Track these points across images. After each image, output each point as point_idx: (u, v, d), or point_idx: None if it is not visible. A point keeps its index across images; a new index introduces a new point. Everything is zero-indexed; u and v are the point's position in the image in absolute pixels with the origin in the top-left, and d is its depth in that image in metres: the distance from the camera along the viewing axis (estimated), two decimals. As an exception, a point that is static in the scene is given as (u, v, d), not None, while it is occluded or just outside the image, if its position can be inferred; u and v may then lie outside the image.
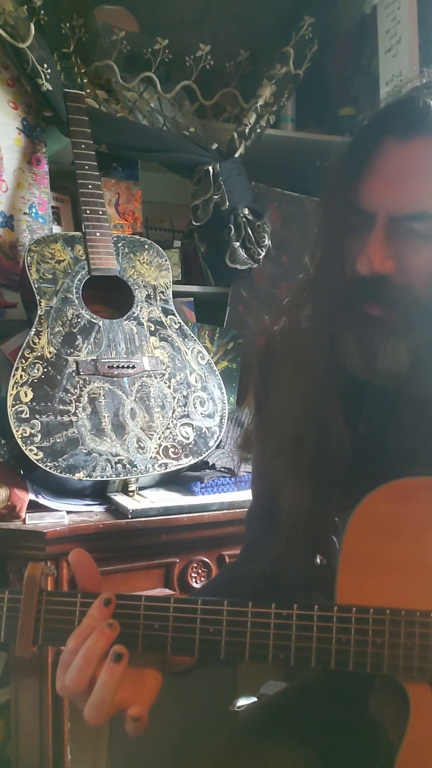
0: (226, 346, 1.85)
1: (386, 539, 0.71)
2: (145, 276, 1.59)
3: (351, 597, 0.70)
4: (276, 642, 0.68)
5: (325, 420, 0.77)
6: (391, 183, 0.70)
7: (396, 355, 0.72)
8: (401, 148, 0.69)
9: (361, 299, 0.73)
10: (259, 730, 0.85)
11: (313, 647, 0.68)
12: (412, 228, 0.70)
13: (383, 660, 0.68)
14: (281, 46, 1.89)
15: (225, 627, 0.69)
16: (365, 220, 0.72)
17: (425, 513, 0.71)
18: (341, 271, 0.75)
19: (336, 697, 0.84)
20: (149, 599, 0.70)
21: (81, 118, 1.65)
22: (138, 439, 1.41)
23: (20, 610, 0.69)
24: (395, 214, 0.69)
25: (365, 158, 0.71)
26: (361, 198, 0.72)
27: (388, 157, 0.70)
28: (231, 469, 1.49)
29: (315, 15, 1.90)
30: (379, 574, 0.70)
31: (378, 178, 0.70)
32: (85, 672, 0.67)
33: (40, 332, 1.42)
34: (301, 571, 0.82)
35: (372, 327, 0.72)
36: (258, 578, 0.90)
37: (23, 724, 1.34)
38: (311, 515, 0.80)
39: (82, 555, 0.73)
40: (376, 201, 0.70)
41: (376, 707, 0.72)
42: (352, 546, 0.71)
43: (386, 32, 1.84)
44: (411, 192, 0.69)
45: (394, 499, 0.71)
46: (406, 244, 0.70)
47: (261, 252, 1.84)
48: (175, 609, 0.69)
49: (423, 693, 0.68)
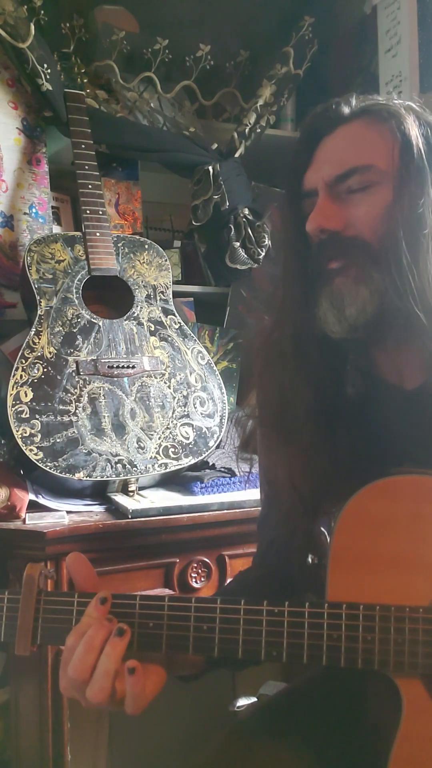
0: (226, 346, 1.85)
1: (375, 537, 0.72)
2: (145, 276, 1.59)
3: (341, 594, 0.71)
4: (268, 639, 0.70)
5: (315, 387, 0.84)
6: (324, 161, 0.84)
7: (360, 298, 0.79)
8: (329, 137, 0.85)
9: (323, 259, 0.82)
10: (258, 731, 0.85)
11: (305, 644, 0.69)
12: (347, 186, 0.81)
13: (374, 656, 0.69)
14: (281, 46, 1.89)
15: (218, 624, 0.70)
16: (312, 199, 0.83)
17: (412, 510, 0.73)
18: (304, 247, 0.85)
19: (334, 698, 0.85)
20: (144, 598, 0.72)
21: (81, 118, 1.65)
22: (138, 439, 1.41)
23: (19, 609, 0.71)
24: (329, 179, 0.82)
25: (306, 156, 0.86)
26: (305, 182, 0.85)
27: (321, 147, 0.85)
28: (231, 469, 1.49)
29: (315, 15, 1.90)
30: (368, 571, 0.72)
31: (315, 162, 0.85)
32: (86, 659, 0.69)
33: (40, 332, 1.42)
34: (299, 568, 0.84)
35: (336, 279, 0.80)
36: (264, 580, 0.92)
37: (23, 724, 1.34)
38: (301, 514, 0.83)
39: (78, 558, 0.75)
40: (315, 178, 0.84)
41: (372, 706, 0.72)
42: (342, 544, 0.73)
43: (386, 32, 1.84)
44: (337, 158, 0.82)
45: (381, 496, 0.73)
46: (346, 201, 0.81)
47: (261, 252, 1.84)
48: (170, 608, 0.71)
49: (414, 688, 0.69)
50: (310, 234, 0.83)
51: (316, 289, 0.82)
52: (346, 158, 0.81)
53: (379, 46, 1.86)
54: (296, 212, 0.86)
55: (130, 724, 1.53)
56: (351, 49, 2.04)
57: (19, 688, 1.36)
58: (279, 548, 0.92)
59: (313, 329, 0.82)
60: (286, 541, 0.88)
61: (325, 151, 0.84)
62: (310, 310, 0.82)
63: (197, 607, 0.71)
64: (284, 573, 0.91)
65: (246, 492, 1.46)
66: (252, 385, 0.99)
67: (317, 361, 0.85)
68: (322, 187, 0.82)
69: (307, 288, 0.83)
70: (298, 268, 0.86)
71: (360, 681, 0.75)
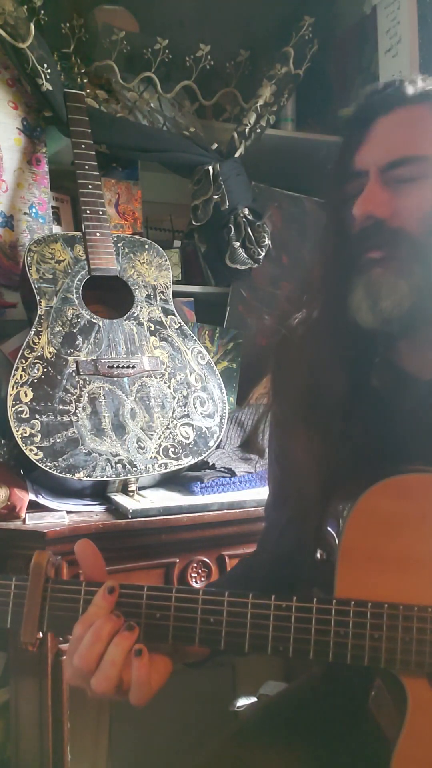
0: (226, 346, 1.85)
1: (385, 534, 0.72)
2: (145, 276, 1.59)
3: (350, 591, 0.71)
4: (275, 633, 0.69)
5: (347, 373, 0.83)
6: (377, 143, 0.80)
7: (398, 292, 0.77)
8: (385, 119, 0.80)
9: (364, 247, 0.79)
10: (260, 732, 0.85)
11: (312, 639, 0.69)
12: (401, 174, 0.78)
13: (381, 653, 0.68)
14: (281, 46, 1.89)
15: (225, 617, 0.70)
16: (361, 180, 0.80)
17: (423, 509, 0.72)
18: (346, 229, 0.82)
19: (336, 699, 0.85)
20: (152, 589, 0.72)
21: (81, 118, 1.65)
22: (138, 439, 1.41)
23: (26, 597, 0.71)
24: (382, 163, 0.78)
25: (359, 133, 0.82)
26: (355, 162, 0.81)
27: (376, 127, 0.81)
28: (231, 469, 1.49)
29: (315, 15, 1.90)
30: (377, 569, 0.71)
31: (368, 142, 0.81)
32: (93, 649, 0.68)
33: (40, 332, 1.42)
34: (309, 561, 0.83)
35: (375, 269, 0.78)
36: (273, 566, 0.91)
37: (23, 724, 1.34)
38: (317, 502, 0.81)
39: (88, 545, 0.75)
40: (367, 159, 0.80)
41: (375, 705, 0.72)
42: (351, 541, 0.72)
43: (386, 32, 1.84)
44: (393, 143, 0.79)
45: (392, 495, 0.72)
46: (396, 189, 0.78)
47: (261, 252, 1.84)
48: (177, 599, 0.71)
49: (420, 687, 0.69)
50: (357, 217, 0.79)
51: (352, 276, 0.80)
52: (401, 145, 0.78)
53: (379, 46, 1.86)
54: (341, 192, 0.83)
55: (130, 723, 1.53)
56: (351, 49, 2.04)
57: (19, 688, 1.36)
58: (289, 533, 0.91)
59: (345, 316, 0.80)
60: (298, 524, 0.87)
61: (380, 132, 0.80)
62: (343, 295, 0.80)
63: (204, 600, 0.70)
64: (292, 560, 0.90)
65: (246, 492, 1.46)
66: (268, 365, 0.97)
67: (349, 348, 0.83)
68: (374, 171, 0.79)
69: (343, 272, 0.81)
70: (337, 250, 0.83)
71: (361, 682, 0.74)
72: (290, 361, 0.91)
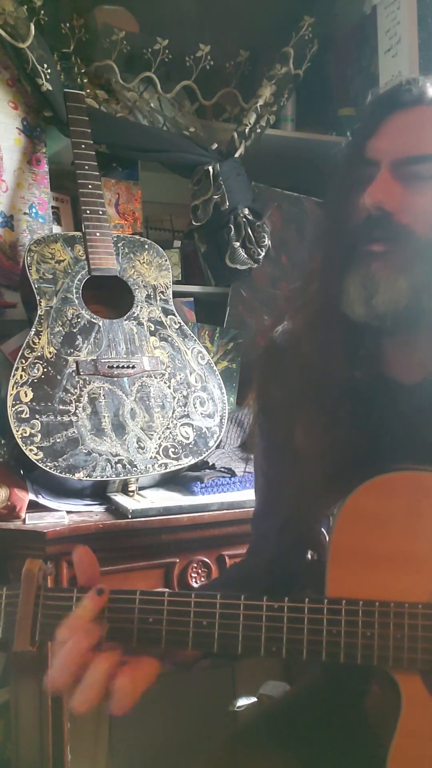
0: (226, 346, 1.85)
1: (373, 533, 0.72)
2: (145, 276, 1.59)
3: (341, 590, 0.71)
4: (268, 635, 0.69)
5: (325, 367, 0.82)
6: (394, 136, 0.78)
7: (395, 288, 0.76)
8: (403, 113, 0.79)
9: (366, 238, 0.78)
10: (259, 735, 0.85)
11: (305, 639, 0.69)
12: (415, 171, 0.76)
13: (373, 651, 0.69)
14: (281, 46, 1.89)
15: (218, 620, 0.70)
16: (372, 170, 0.78)
17: (410, 506, 0.73)
18: (349, 217, 0.80)
19: (334, 703, 0.85)
20: (144, 593, 0.71)
21: (81, 118, 1.65)
22: (138, 439, 1.41)
23: (18, 605, 0.70)
24: (398, 157, 0.77)
25: (374, 122, 0.80)
26: (368, 150, 0.79)
27: (392, 120, 0.79)
28: (231, 469, 1.49)
29: (315, 15, 1.90)
30: (367, 567, 0.72)
31: (384, 133, 0.79)
32: (66, 669, 0.66)
33: (40, 332, 1.42)
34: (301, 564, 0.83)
35: (375, 264, 0.77)
36: (262, 572, 0.91)
37: (23, 724, 1.34)
38: (305, 507, 0.81)
39: (85, 553, 0.74)
40: (381, 150, 0.78)
41: (372, 706, 0.72)
42: (341, 540, 0.73)
43: (386, 32, 1.84)
44: (412, 139, 0.77)
45: (380, 493, 0.73)
46: (409, 185, 0.77)
47: (261, 252, 1.84)
48: (169, 603, 0.71)
49: (413, 684, 0.69)
50: (367, 206, 0.78)
51: (351, 266, 0.79)
52: (420, 142, 0.77)
53: (379, 46, 1.87)
54: (351, 178, 0.82)
55: (130, 724, 1.53)
56: (351, 49, 2.04)
57: (19, 688, 1.36)
58: (279, 539, 0.90)
59: (339, 306, 0.79)
60: (288, 530, 0.86)
61: (397, 126, 0.79)
62: (339, 284, 0.79)
63: (197, 603, 0.70)
64: (283, 565, 0.89)
65: (246, 492, 1.46)
66: (252, 380, 0.96)
67: (339, 341, 0.82)
68: (387, 162, 0.78)
69: (342, 262, 0.80)
70: (339, 239, 0.82)
71: (359, 686, 0.74)
72: (277, 367, 0.90)
